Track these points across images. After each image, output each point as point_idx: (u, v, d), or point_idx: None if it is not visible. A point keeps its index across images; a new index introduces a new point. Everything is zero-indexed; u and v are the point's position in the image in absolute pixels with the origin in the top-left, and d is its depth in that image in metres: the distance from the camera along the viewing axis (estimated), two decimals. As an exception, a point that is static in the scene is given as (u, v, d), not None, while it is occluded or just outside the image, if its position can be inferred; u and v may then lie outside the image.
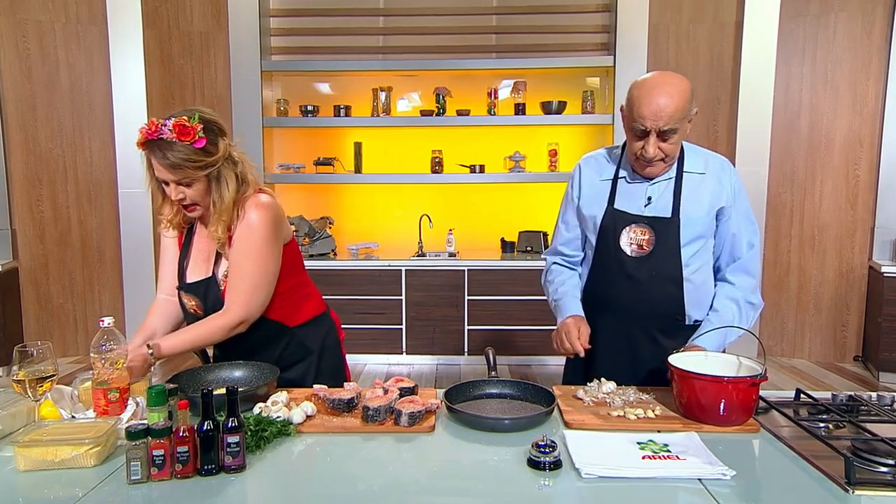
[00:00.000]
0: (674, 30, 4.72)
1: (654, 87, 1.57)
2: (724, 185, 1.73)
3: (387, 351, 4.69)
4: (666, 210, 1.71)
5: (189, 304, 1.76)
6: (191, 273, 1.76)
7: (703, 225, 1.71)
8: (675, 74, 1.62)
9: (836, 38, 4.47)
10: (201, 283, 1.73)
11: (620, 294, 1.75)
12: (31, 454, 1.22)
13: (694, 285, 1.74)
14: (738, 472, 1.19)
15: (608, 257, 1.76)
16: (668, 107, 1.55)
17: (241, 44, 4.70)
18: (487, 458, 1.28)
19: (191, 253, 1.78)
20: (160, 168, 1.58)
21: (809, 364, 4.69)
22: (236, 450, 1.21)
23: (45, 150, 4.60)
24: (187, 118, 1.56)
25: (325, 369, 1.87)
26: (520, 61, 4.77)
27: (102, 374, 1.43)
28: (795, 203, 4.68)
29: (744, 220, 1.75)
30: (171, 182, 1.60)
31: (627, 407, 1.51)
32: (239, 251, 1.66)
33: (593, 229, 1.78)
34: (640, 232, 1.71)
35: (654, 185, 1.73)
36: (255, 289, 1.67)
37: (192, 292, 1.74)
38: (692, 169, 1.73)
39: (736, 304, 1.73)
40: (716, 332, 1.67)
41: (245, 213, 1.65)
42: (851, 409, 1.52)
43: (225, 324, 1.66)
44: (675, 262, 1.71)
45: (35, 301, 4.72)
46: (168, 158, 1.55)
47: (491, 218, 5.03)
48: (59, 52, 4.54)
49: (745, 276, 1.75)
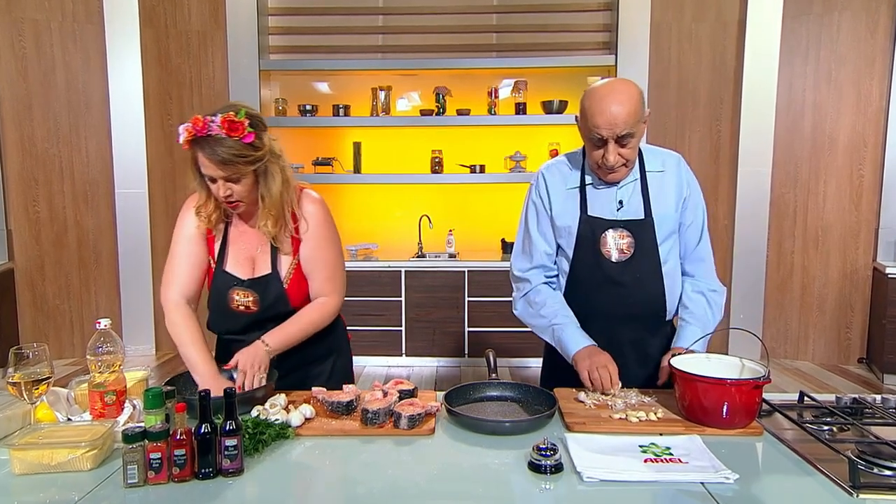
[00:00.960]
0: (676, 29, 4.72)
1: (605, 96, 1.61)
2: (681, 178, 1.77)
3: (386, 353, 4.69)
4: (638, 212, 1.74)
5: (242, 302, 1.73)
6: (234, 270, 1.74)
7: (673, 221, 1.76)
8: (624, 80, 1.67)
9: (839, 37, 4.47)
10: (261, 279, 1.72)
11: (605, 300, 1.76)
12: (26, 457, 1.22)
13: (671, 280, 1.78)
14: (742, 476, 1.19)
15: (589, 265, 1.75)
16: (621, 113, 1.58)
17: (239, 42, 4.70)
18: (488, 462, 1.28)
19: (228, 251, 1.76)
20: (209, 165, 1.57)
21: (813, 366, 4.69)
22: (234, 453, 1.21)
23: (42, 149, 4.60)
24: (234, 113, 1.56)
25: (339, 370, 1.91)
26: (520, 60, 4.77)
27: (99, 377, 1.43)
28: (799, 203, 4.68)
29: (697, 212, 1.79)
30: (220, 178, 1.59)
31: (629, 410, 1.51)
32: (315, 244, 1.74)
33: (568, 239, 1.78)
34: (620, 236, 1.73)
35: (621, 189, 1.75)
36: (341, 274, 1.81)
37: (251, 288, 1.72)
38: (653, 168, 1.77)
39: (703, 295, 1.78)
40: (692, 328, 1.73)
41: (307, 209, 1.74)
42: (856, 411, 1.51)
43: (332, 310, 1.79)
44: (655, 262, 1.74)
45: (31, 302, 4.72)
46: (218, 154, 1.54)
47: (491, 218, 5.03)
48: (55, 50, 4.54)
49: (700, 263, 1.81)
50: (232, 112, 1.56)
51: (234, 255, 1.75)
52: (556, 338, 1.76)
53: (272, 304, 1.72)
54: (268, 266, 1.72)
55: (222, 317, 1.77)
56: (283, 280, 1.73)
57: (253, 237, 1.74)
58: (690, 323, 1.75)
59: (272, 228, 1.68)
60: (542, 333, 1.82)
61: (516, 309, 1.90)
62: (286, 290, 1.73)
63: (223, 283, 1.74)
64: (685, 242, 1.80)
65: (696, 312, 1.76)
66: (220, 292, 1.75)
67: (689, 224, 1.78)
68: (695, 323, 1.74)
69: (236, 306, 1.73)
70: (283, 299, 1.73)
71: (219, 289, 1.75)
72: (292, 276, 1.74)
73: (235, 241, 1.76)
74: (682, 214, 1.77)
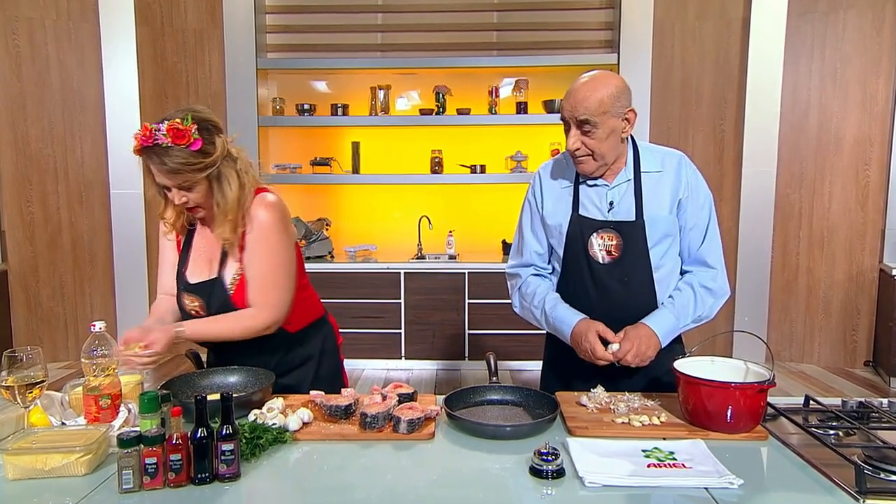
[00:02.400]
0: (679, 27, 4.72)
1: (581, 80, 1.66)
2: (681, 179, 1.74)
3: (385, 356, 4.69)
4: (629, 213, 1.72)
5: (191, 306, 1.75)
6: (191, 275, 1.76)
7: (667, 224, 1.72)
8: (611, 74, 1.70)
9: (845, 36, 4.48)
10: (206, 283, 1.72)
11: (594, 303, 1.74)
12: (20, 462, 1.22)
13: (666, 286, 1.75)
14: (746, 481, 1.19)
15: (577, 266, 1.75)
16: (587, 98, 1.61)
17: (236, 41, 4.71)
18: (489, 467, 1.28)
19: (190, 255, 1.78)
20: (160, 174, 1.59)
21: (819, 369, 4.69)
22: (231, 458, 1.21)
23: (36, 149, 4.60)
24: (180, 120, 1.55)
25: (324, 375, 1.88)
26: (521, 59, 4.77)
27: (93, 380, 1.43)
28: (804, 204, 4.68)
29: (701, 214, 1.75)
30: (173, 187, 1.61)
31: (632, 414, 1.50)
32: (256, 253, 1.68)
33: (559, 238, 1.78)
34: (608, 238, 1.72)
35: (613, 189, 1.74)
36: (280, 289, 1.71)
37: (195, 293, 1.73)
38: (649, 168, 1.75)
39: (690, 287, 1.74)
40: (666, 311, 1.69)
41: (254, 213, 1.67)
42: (862, 415, 1.51)
43: (254, 325, 1.69)
44: (645, 266, 1.72)
45: (24, 305, 4.72)
46: (166, 164, 1.55)
47: (492, 219, 5.03)
48: (49, 49, 4.55)
49: (701, 266, 1.77)
50: (179, 119, 1.55)
51: (195, 259, 1.77)
52: (552, 324, 1.77)
53: (218, 309, 1.71)
54: (216, 271, 1.72)
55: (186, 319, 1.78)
56: (229, 286, 1.71)
57: (213, 241, 1.74)
58: (666, 307, 1.71)
59: (229, 234, 1.66)
60: (541, 324, 1.83)
61: (515, 306, 1.91)
62: (231, 297, 1.70)
63: (177, 285, 1.77)
64: (687, 246, 1.77)
65: (678, 300, 1.72)
66: (177, 295, 1.78)
67: (690, 227, 1.75)
68: (670, 309, 1.70)
69: (189, 310, 1.76)
70: (228, 306, 1.70)
71: (177, 291, 1.78)
72: (237, 283, 1.71)
73: (196, 246, 1.78)
74: (681, 217, 1.74)
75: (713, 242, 1.77)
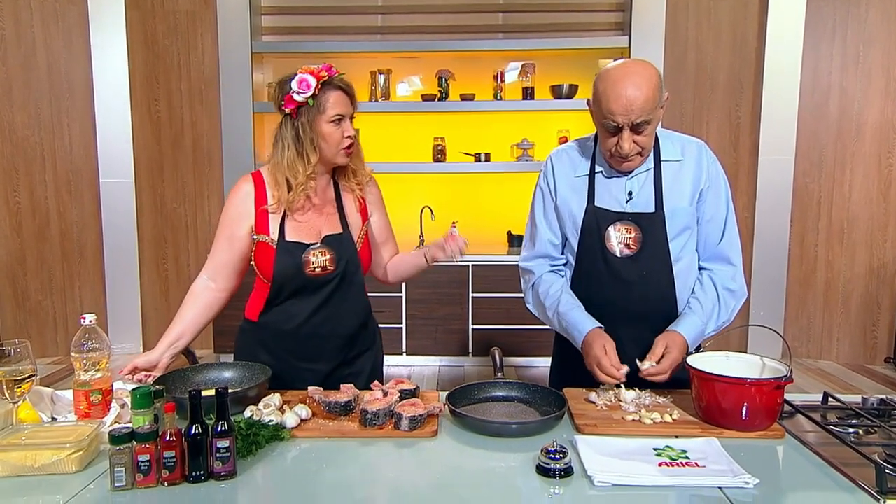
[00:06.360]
0: (693, 7, 4.69)
1: (621, 79, 1.57)
2: (702, 168, 1.72)
3: (386, 351, 4.58)
4: (649, 205, 1.69)
5: (319, 262, 1.75)
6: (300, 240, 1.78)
7: (688, 215, 1.70)
8: (641, 61, 1.63)
9: (868, 17, 4.45)
10: (336, 236, 1.80)
11: (610, 298, 1.72)
12: (8, 459, 1.23)
13: (684, 281, 1.73)
14: (762, 481, 1.19)
15: (593, 259, 1.73)
16: (638, 98, 1.54)
17: (229, 23, 4.68)
18: (494, 465, 1.28)
19: (286, 228, 1.77)
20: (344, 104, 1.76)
21: (837, 366, 4.69)
22: (226, 455, 1.21)
23: (22, 136, 4.61)
24: None
25: (379, 364, 2.05)
26: (528, 42, 4.75)
27: (84, 375, 1.43)
28: (823, 194, 4.66)
29: (721, 206, 1.73)
30: (350, 117, 1.80)
31: (643, 411, 1.51)
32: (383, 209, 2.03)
33: (574, 230, 1.76)
34: (626, 230, 1.69)
35: (632, 179, 1.72)
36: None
37: (329, 245, 1.77)
38: (669, 157, 1.72)
39: (714, 289, 1.72)
40: (696, 317, 1.67)
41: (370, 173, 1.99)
42: (882, 413, 1.51)
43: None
44: (665, 259, 1.70)
45: (12, 298, 4.74)
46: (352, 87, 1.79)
47: (497, 210, 5.02)
48: (35, 31, 4.54)
49: (721, 263, 1.75)
50: None
51: (295, 228, 1.78)
52: (563, 328, 1.75)
53: (348, 263, 1.79)
54: (338, 228, 1.83)
55: (296, 278, 1.75)
56: (356, 241, 1.84)
57: (312, 214, 1.81)
58: (695, 312, 1.68)
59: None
60: (553, 326, 1.82)
61: (528, 303, 1.90)
62: (359, 250, 1.84)
63: (294, 249, 1.75)
64: (704, 239, 1.75)
65: (705, 304, 1.70)
66: (290, 261, 1.74)
67: (708, 219, 1.73)
68: (699, 314, 1.68)
69: (312, 269, 1.75)
70: (355, 260, 1.82)
71: (287, 260, 1.74)
72: (364, 239, 1.88)
73: (294, 218, 1.79)
74: (699, 208, 1.72)
75: (733, 237, 1.75)
